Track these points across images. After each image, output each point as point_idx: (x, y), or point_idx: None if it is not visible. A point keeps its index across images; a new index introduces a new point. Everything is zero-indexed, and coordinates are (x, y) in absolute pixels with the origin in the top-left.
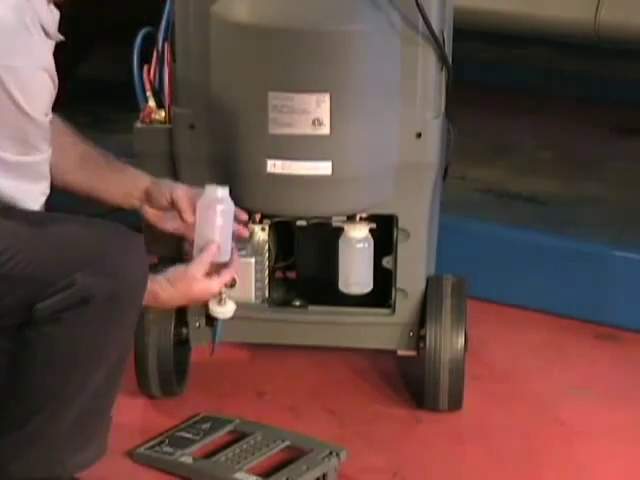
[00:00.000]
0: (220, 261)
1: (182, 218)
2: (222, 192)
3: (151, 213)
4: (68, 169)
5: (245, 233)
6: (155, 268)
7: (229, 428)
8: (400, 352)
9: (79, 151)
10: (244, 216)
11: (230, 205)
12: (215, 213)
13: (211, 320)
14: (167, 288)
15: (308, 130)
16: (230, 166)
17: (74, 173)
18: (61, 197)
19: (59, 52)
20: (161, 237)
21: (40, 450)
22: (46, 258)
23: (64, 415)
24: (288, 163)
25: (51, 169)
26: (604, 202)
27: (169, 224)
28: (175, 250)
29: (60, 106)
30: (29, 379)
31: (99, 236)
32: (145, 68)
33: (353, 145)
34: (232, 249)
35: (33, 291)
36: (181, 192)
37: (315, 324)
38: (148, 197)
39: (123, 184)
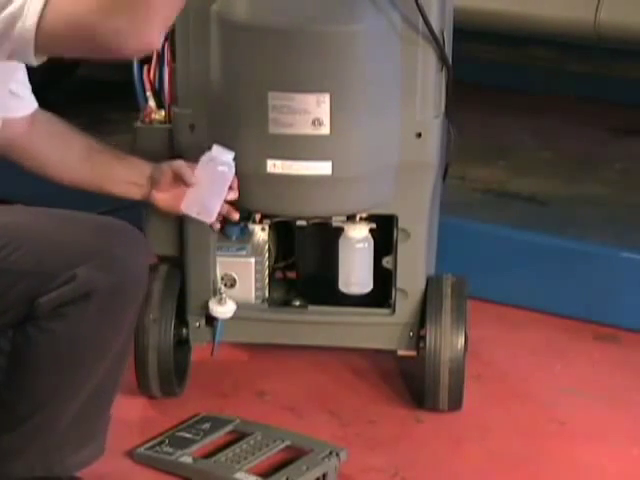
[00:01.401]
0: (204, 220)
1: (187, 184)
2: (226, 154)
3: (160, 198)
4: (74, 164)
5: (234, 216)
6: (155, 268)
7: (229, 428)
8: (400, 352)
9: (83, 145)
10: (233, 195)
11: (230, 170)
12: (214, 171)
13: (211, 320)
14: None
15: (308, 130)
16: None
17: (80, 168)
18: (63, 196)
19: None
20: (162, 236)
21: (39, 449)
22: (48, 252)
23: (64, 413)
24: (288, 163)
25: (57, 167)
26: (604, 202)
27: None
28: (176, 250)
29: (60, 106)
30: (30, 377)
31: (100, 230)
32: (145, 68)
33: (353, 145)
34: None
35: (35, 285)
36: (180, 162)
37: (315, 324)
38: (153, 182)
39: (129, 174)
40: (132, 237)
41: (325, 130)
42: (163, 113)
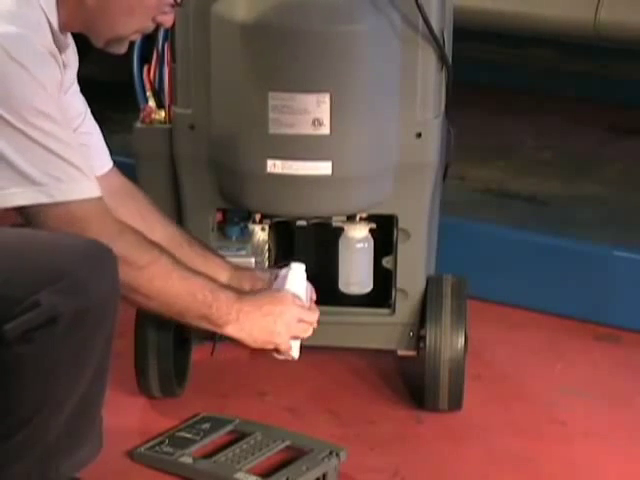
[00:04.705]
0: None
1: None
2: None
3: None
4: None
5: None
6: None
7: (229, 428)
8: (400, 352)
9: (167, 233)
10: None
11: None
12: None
13: None
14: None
15: (308, 130)
16: (230, 166)
17: None
18: None
19: None
20: None
21: (34, 457)
22: (10, 275)
23: (50, 427)
24: (288, 163)
25: None
26: (604, 202)
27: None
28: None
29: None
30: (9, 398)
31: (64, 250)
32: (145, 68)
33: (353, 145)
34: None
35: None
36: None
37: None
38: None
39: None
40: (98, 256)
41: (325, 130)
42: (163, 113)
